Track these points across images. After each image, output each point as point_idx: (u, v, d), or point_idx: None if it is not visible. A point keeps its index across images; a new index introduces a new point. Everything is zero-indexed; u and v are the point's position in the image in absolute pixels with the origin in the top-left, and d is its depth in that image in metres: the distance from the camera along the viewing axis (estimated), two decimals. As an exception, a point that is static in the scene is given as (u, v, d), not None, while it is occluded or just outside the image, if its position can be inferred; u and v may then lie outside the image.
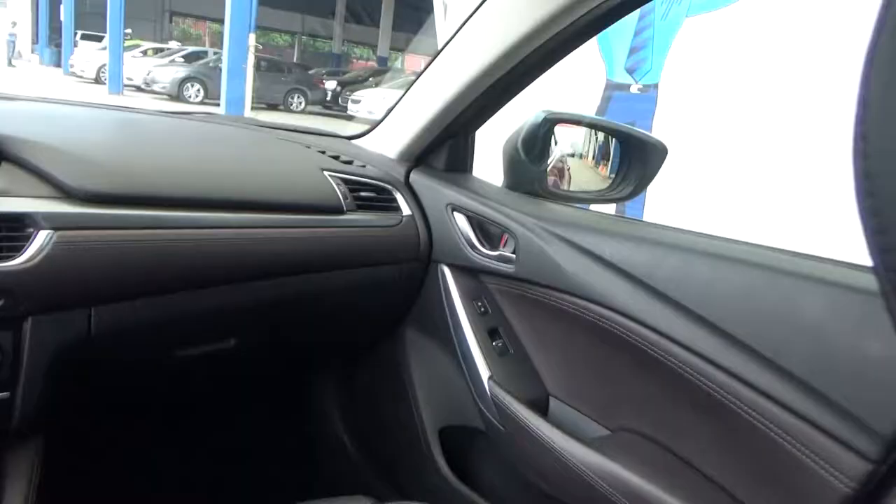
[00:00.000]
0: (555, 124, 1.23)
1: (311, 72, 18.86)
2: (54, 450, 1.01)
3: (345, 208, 1.18)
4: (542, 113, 1.18)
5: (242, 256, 1.05)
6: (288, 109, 16.02)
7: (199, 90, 15.19)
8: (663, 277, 0.91)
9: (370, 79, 17.59)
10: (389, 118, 1.39)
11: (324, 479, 1.61)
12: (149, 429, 1.51)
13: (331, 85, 17.15)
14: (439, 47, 1.25)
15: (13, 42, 21.66)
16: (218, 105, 10.71)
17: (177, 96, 15.07)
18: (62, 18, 19.71)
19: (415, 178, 1.31)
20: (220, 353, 1.14)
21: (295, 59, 26.31)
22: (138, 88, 15.89)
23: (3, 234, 0.83)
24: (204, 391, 1.51)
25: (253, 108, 10.19)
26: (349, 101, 14.89)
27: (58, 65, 20.98)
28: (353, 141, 1.48)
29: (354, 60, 31.27)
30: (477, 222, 1.19)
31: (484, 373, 1.13)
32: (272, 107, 15.58)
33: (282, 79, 16.22)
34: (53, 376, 0.92)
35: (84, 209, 0.90)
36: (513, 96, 1.23)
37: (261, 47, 15.68)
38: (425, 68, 1.28)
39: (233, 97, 9.10)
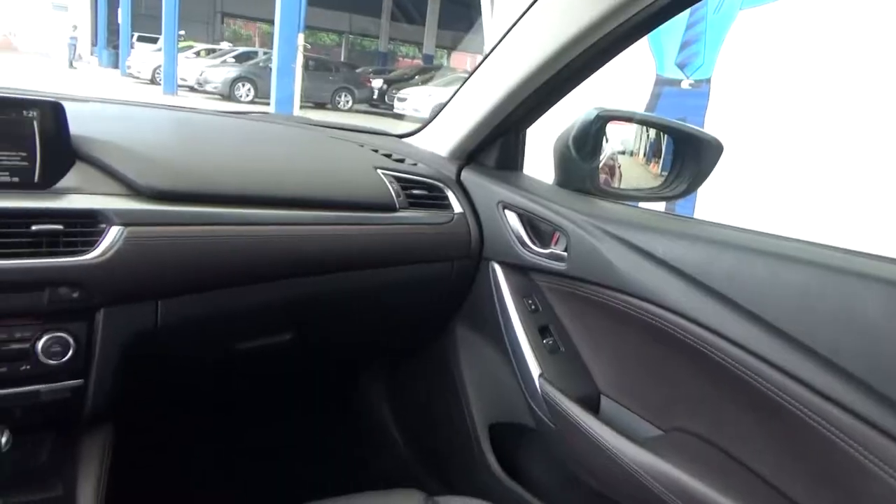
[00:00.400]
0: (607, 121, 1.23)
1: (358, 70, 19.09)
2: (122, 438, 1.06)
3: (397, 206, 1.20)
4: (594, 110, 1.18)
5: (299, 252, 1.08)
6: (335, 108, 16.24)
7: (249, 90, 15.52)
8: (718, 276, 0.90)
9: (416, 77, 17.67)
10: (440, 117, 1.40)
11: (372, 473, 1.64)
12: (207, 421, 1.56)
13: (377, 83, 17.32)
14: (486, 44, 1.26)
15: (74, 45, 22.46)
16: (268, 104, 10.94)
17: (228, 96, 15.43)
18: (119, 21, 20.39)
19: (466, 175, 1.32)
20: (277, 347, 1.17)
21: (342, 59, 26.66)
22: (191, 89, 16.33)
23: (77, 229, 0.88)
24: (259, 385, 1.55)
25: (301, 107, 10.37)
26: (395, 100, 15.01)
27: (115, 66, 21.74)
28: (404, 139, 1.50)
29: (400, 58, 31.50)
30: (528, 220, 1.20)
31: (535, 370, 1.14)
32: (320, 105, 15.82)
33: (329, 78, 16.45)
34: (123, 366, 0.96)
35: (151, 206, 0.94)
36: (564, 94, 1.23)
37: (309, 47, 15.94)
38: (477, 67, 1.29)
39: (282, 96, 9.28)
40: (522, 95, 1.20)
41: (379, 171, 1.24)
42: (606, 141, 1.29)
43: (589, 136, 1.20)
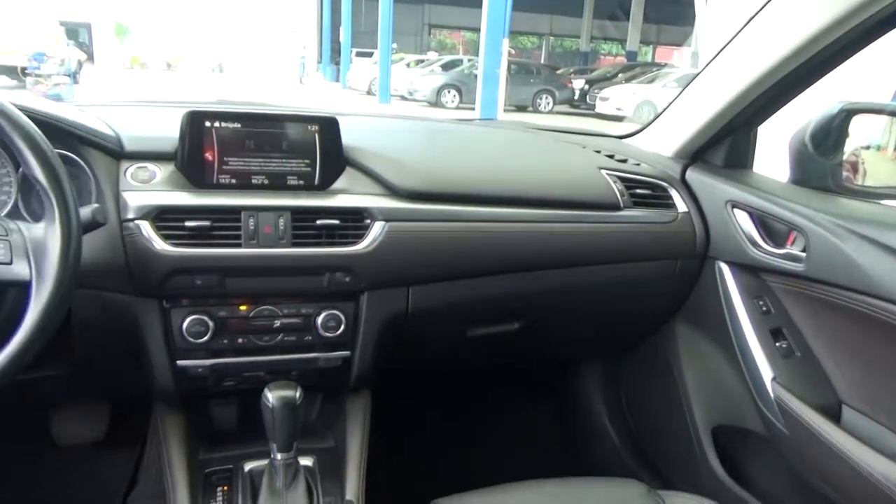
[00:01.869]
0: (852, 115, 1.16)
1: (558, 72, 19.07)
2: (376, 404, 1.23)
3: (622, 205, 1.24)
4: (838, 104, 1.12)
5: (531, 247, 1.17)
6: (536, 110, 16.38)
7: (454, 96, 16.22)
8: None
9: (619, 75, 17.21)
10: (664, 117, 1.41)
11: (585, 463, 1.69)
12: (441, 396, 1.73)
13: (578, 83, 17.15)
14: (697, 35, 1.24)
15: (303, 63, 25.37)
16: (472, 109, 11.38)
17: (435, 103, 16.26)
18: (341, 39, 22.46)
19: (691, 175, 1.32)
20: (505, 335, 1.27)
21: (542, 60, 26.79)
22: (402, 98, 17.48)
23: (348, 224, 1.05)
24: (485, 369, 1.68)
25: (504, 111, 10.65)
26: (597, 99, 14.76)
27: (337, 80, 23.95)
28: (625, 140, 1.52)
29: (602, 57, 30.87)
30: (760, 219, 1.17)
31: (766, 374, 1.11)
32: (521, 108, 16.07)
33: (530, 80, 16.63)
34: (380, 343, 1.12)
35: (407, 204, 1.09)
36: (802, 90, 1.18)
37: (514, 52, 16.26)
38: (705, 66, 1.28)
39: (487, 101, 9.61)
40: (756, 92, 1.17)
41: (603, 171, 1.29)
42: (847, 136, 1.22)
43: (830, 132, 1.15)
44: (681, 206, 1.29)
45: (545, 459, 1.75)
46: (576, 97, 16.96)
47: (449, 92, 16.22)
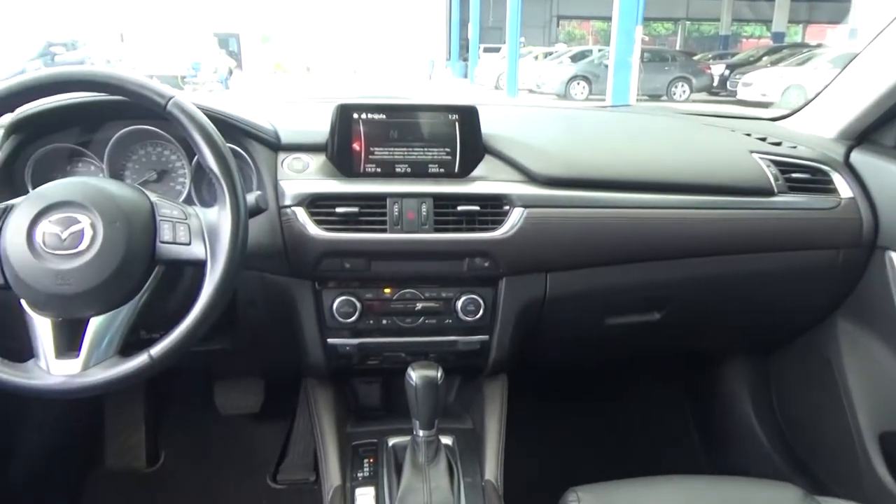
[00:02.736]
0: None
1: (695, 58, 18.09)
2: (512, 388, 1.24)
3: (775, 190, 1.16)
4: None
5: (675, 234, 1.12)
6: (671, 99, 15.68)
7: (584, 87, 15.88)
8: None
9: (763, 58, 16.07)
10: (823, 96, 1.31)
11: (730, 464, 1.60)
12: (576, 385, 1.71)
13: (718, 69, 16.19)
14: (852, 10, 1.13)
15: (433, 62, 26.25)
16: (602, 100, 11.10)
17: (563, 95, 16.02)
18: (469, 36, 22.69)
19: (857, 157, 1.21)
20: (645, 326, 1.24)
21: (678, 47, 25.57)
22: (529, 91, 17.36)
23: (488, 210, 1.06)
24: (622, 361, 1.64)
25: (636, 101, 10.28)
26: (739, 85, 13.84)
27: (465, 76, 24.26)
28: (778, 122, 1.43)
29: (744, 40, 28.95)
30: None
31: None
32: (654, 97, 15.45)
33: (665, 68, 15.93)
34: (518, 328, 1.13)
35: (545, 191, 1.09)
36: None
37: (647, 38, 15.65)
38: (874, 38, 1.17)
39: (618, 90, 9.32)
40: None
41: (754, 154, 1.21)
42: None
43: None
44: (844, 191, 1.18)
45: (684, 457, 1.68)
46: (715, 84, 16.03)
47: (578, 83, 15.90)
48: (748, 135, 1.31)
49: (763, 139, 1.28)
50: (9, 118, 0.99)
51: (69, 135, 1.04)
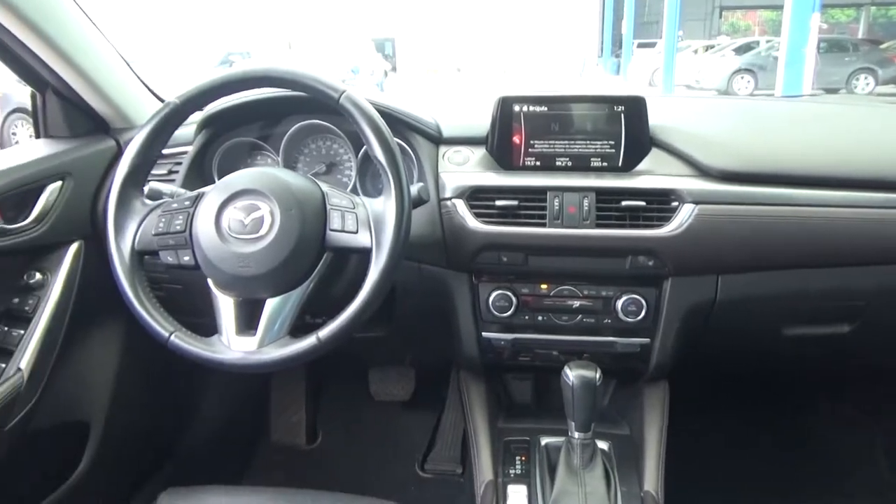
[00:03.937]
0: None
1: (882, 46, 16.23)
2: (675, 396, 1.17)
3: None
4: None
5: (869, 237, 1.00)
6: (851, 92, 14.21)
7: (748, 81, 14.83)
8: None
9: (967, 44, 14.09)
10: None
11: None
12: (745, 398, 1.59)
13: (909, 58, 14.42)
14: None
15: (585, 60, 25.92)
16: (771, 94, 10.27)
17: (725, 90, 15.04)
18: (623, 31, 21.97)
19: None
20: (832, 339, 1.12)
21: (860, 35, 23.08)
22: (687, 87, 16.48)
23: (655, 206, 1.01)
24: (801, 375, 1.50)
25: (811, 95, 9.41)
26: (935, 75, 12.25)
27: (618, 73, 23.53)
28: None
29: (943, 24, 25.49)
30: None
31: None
32: (831, 91, 14.07)
33: (845, 59, 14.46)
34: (683, 333, 1.06)
35: (720, 186, 1.01)
36: None
37: (825, 27, 14.29)
38: None
39: (790, 84, 8.57)
40: None
41: None
42: None
43: None
44: None
45: (869, 480, 1.50)
46: (905, 74, 14.28)
47: (742, 77, 14.87)
48: None
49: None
50: (200, 115, 1.09)
51: (251, 129, 1.13)
